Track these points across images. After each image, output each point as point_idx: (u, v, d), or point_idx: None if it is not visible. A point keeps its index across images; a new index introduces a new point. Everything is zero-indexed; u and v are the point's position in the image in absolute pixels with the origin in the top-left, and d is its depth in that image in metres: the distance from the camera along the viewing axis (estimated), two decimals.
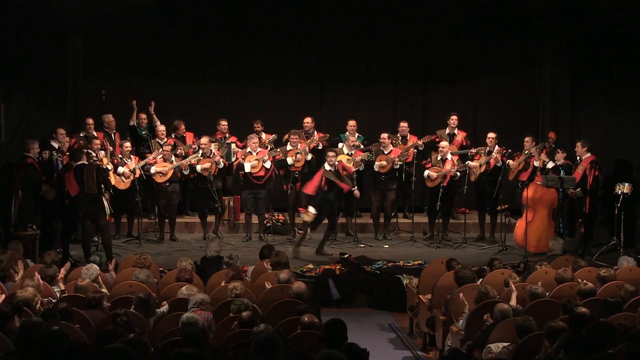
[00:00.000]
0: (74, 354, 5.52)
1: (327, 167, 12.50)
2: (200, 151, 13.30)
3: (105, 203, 11.95)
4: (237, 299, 7.90)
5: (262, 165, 13.26)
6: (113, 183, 12.42)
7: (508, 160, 12.95)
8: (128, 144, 13.27)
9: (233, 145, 13.72)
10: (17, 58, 13.11)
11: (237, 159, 13.44)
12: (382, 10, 14.29)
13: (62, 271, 9.29)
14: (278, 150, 13.53)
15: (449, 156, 13.24)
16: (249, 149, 13.41)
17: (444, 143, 13.42)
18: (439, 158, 13.26)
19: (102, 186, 11.65)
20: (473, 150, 13.51)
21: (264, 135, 14.11)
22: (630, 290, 8.23)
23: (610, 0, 13.18)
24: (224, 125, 14.14)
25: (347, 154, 13.42)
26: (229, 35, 14.77)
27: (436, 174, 13.08)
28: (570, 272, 9.00)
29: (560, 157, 12.76)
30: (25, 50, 13.16)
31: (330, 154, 12.63)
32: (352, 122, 14.06)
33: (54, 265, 9.39)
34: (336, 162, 12.57)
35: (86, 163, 11.58)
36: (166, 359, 5.54)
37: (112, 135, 13.77)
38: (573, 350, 6.19)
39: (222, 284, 9.02)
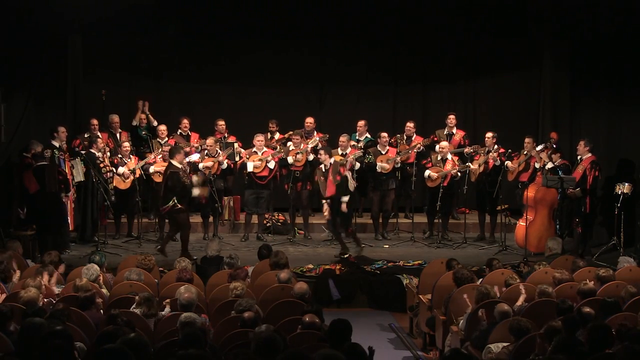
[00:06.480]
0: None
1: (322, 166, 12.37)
2: (205, 151, 13.30)
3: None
4: (241, 299, 7.89)
5: (266, 166, 13.23)
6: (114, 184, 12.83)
7: (507, 162, 12.94)
8: (127, 144, 13.28)
9: (235, 145, 13.71)
10: (17, 58, 13.10)
11: (241, 158, 13.43)
12: (382, 10, 14.30)
13: (45, 277, 9.01)
14: (281, 150, 13.49)
15: (449, 156, 13.23)
16: (254, 149, 13.39)
17: (443, 143, 13.41)
18: (439, 158, 13.25)
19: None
20: (467, 150, 13.52)
21: (277, 136, 14.10)
22: (632, 292, 8.23)
23: (611, 0, 13.18)
24: (221, 125, 14.12)
25: (341, 154, 13.38)
26: (229, 35, 14.77)
27: (437, 174, 13.08)
28: (567, 273, 8.99)
29: (556, 158, 12.74)
30: (25, 50, 13.14)
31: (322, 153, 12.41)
32: (361, 122, 14.09)
33: (53, 265, 9.38)
34: (330, 162, 12.22)
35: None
36: (166, 359, 5.54)
37: (118, 135, 13.79)
38: (568, 350, 6.19)
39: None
